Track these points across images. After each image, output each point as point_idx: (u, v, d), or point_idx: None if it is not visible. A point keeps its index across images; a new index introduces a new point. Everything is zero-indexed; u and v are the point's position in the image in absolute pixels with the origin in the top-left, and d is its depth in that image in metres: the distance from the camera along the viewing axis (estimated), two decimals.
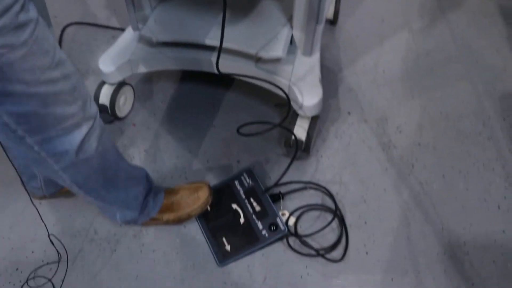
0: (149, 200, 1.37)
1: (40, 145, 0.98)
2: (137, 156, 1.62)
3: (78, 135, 1.01)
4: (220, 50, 1.18)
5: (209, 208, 1.46)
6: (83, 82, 1.01)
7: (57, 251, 1.42)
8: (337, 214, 1.45)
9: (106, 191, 1.23)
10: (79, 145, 1.02)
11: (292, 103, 1.47)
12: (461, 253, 1.39)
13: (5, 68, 0.80)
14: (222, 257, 1.39)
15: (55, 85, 0.90)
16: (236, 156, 1.62)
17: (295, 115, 1.51)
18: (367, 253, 1.40)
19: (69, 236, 1.46)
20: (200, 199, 1.42)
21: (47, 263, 1.43)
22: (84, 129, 1.01)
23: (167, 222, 1.43)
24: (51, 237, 1.39)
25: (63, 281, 1.39)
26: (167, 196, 1.42)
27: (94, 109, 1.04)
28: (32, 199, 1.51)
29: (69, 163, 1.05)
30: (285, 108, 1.67)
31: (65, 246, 1.44)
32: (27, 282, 1.39)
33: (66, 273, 1.40)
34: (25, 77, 0.84)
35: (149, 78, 1.85)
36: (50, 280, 1.39)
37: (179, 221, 1.44)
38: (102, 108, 1.63)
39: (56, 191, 1.49)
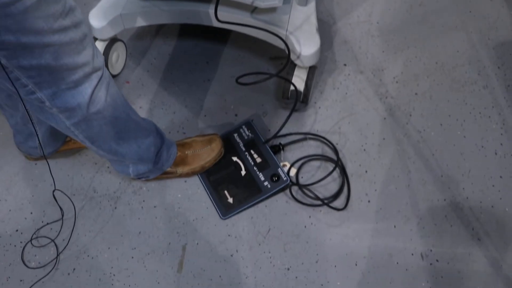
0: (162, 152, 1.35)
1: (52, 100, 0.96)
2: None
3: (89, 87, 0.98)
4: None
5: None
6: (90, 31, 0.98)
7: (60, 208, 1.40)
8: (339, 164, 1.44)
9: (118, 144, 1.20)
10: (90, 97, 0.99)
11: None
12: (460, 199, 1.41)
13: (19, 17, 0.77)
14: (225, 210, 1.39)
15: (66, 34, 0.87)
16: (234, 109, 1.60)
17: (293, 66, 1.49)
18: (369, 201, 1.41)
19: (69, 195, 1.44)
20: (214, 150, 1.41)
21: (47, 223, 1.41)
22: (94, 80, 0.99)
23: (181, 175, 1.43)
24: (55, 194, 1.37)
25: (68, 240, 1.37)
26: (181, 149, 1.41)
27: (101, 58, 1.02)
28: (28, 160, 1.50)
29: (81, 118, 1.03)
30: (281, 61, 1.66)
31: (65, 205, 1.42)
32: (31, 241, 1.38)
33: (72, 232, 1.39)
34: (39, 26, 0.81)
35: (141, 34, 1.80)
36: (53, 240, 1.38)
37: (193, 173, 1.43)
38: None
39: (54, 151, 1.46)
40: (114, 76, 1.67)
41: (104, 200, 1.44)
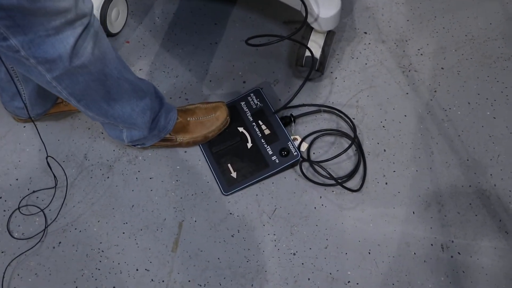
0: (159, 117, 1.22)
1: (28, 49, 0.82)
2: None
3: (71, 36, 0.85)
4: None
5: None
6: None
7: (54, 176, 1.28)
8: (355, 140, 1.31)
9: (108, 104, 1.07)
10: (73, 48, 0.86)
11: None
12: (487, 186, 1.28)
13: None
14: (227, 185, 1.26)
15: None
16: (242, 76, 1.46)
17: (309, 30, 1.34)
18: (386, 183, 1.28)
19: (58, 162, 1.31)
20: (218, 119, 1.28)
21: (33, 191, 1.29)
22: (78, 28, 0.85)
23: (181, 144, 1.30)
24: (42, 160, 1.25)
25: (58, 212, 1.26)
26: (182, 115, 1.28)
27: (88, 3, 0.88)
28: (16, 121, 1.37)
29: (63, 70, 0.89)
30: (296, 26, 1.51)
31: (53, 173, 1.29)
32: (19, 209, 1.26)
33: (63, 203, 1.27)
34: None
35: None
36: (42, 210, 1.26)
37: (194, 143, 1.31)
38: None
39: (43, 113, 1.34)
40: (113, 35, 1.53)
41: (96, 169, 1.32)
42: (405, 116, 1.38)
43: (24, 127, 1.39)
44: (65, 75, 0.91)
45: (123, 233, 1.23)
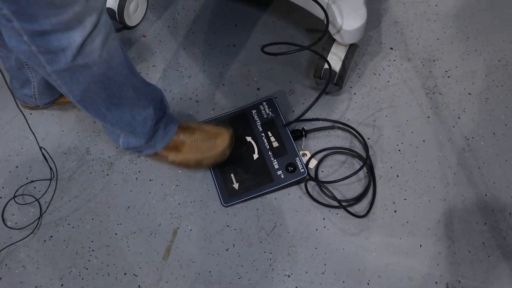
0: (159, 127, 1.15)
1: (30, 36, 0.78)
2: (144, 72, 1.42)
3: (79, 34, 0.80)
4: None
5: None
6: None
7: (50, 168, 1.25)
8: (367, 162, 1.24)
9: (108, 109, 1.02)
10: (79, 47, 0.81)
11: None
12: (504, 226, 1.19)
13: None
14: (228, 196, 1.21)
15: None
16: (257, 82, 1.40)
17: (331, 41, 1.28)
18: (395, 211, 1.21)
19: (59, 153, 1.28)
20: (216, 147, 1.18)
21: (31, 181, 1.26)
22: (87, 26, 0.80)
23: (173, 163, 1.23)
24: (44, 151, 1.22)
25: (49, 203, 1.22)
26: (180, 132, 1.19)
27: (100, 0, 0.83)
28: (23, 108, 1.35)
29: (65, 66, 0.85)
30: (319, 35, 1.44)
31: (55, 163, 1.26)
32: (14, 198, 1.23)
33: (53, 195, 1.24)
34: None
35: None
36: (37, 200, 1.23)
37: (186, 166, 1.23)
38: (108, 13, 1.40)
39: (51, 102, 1.31)
40: (130, 28, 1.49)
41: (97, 165, 1.28)
42: (424, 141, 1.31)
43: (31, 114, 1.36)
44: (65, 71, 0.87)
45: (116, 234, 1.19)
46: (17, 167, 1.28)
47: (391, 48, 1.47)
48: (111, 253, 1.17)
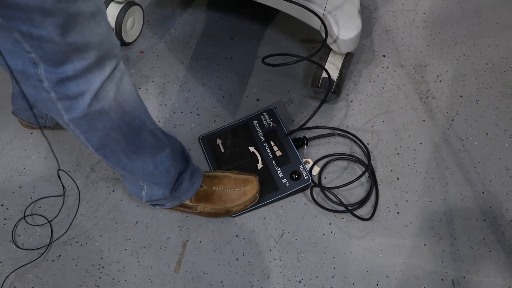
0: (183, 179, 1.13)
1: (52, 82, 0.77)
2: (143, 87, 1.43)
3: (98, 77, 0.79)
4: None
5: (222, 149, 1.29)
6: (103, 2, 0.79)
7: (63, 186, 1.24)
8: (369, 168, 1.27)
9: (129, 158, 0.98)
10: (97, 90, 0.80)
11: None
12: (503, 221, 1.24)
13: None
14: None
15: (74, 2, 0.69)
16: (256, 94, 1.43)
17: (327, 51, 1.31)
18: (398, 213, 1.24)
19: (63, 172, 1.28)
20: (246, 194, 1.19)
21: (36, 200, 1.26)
22: (107, 69, 0.80)
23: (202, 214, 1.21)
24: (51, 171, 1.22)
25: (68, 227, 1.23)
26: (207, 182, 1.19)
27: (117, 43, 0.82)
28: (23, 127, 1.35)
29: (82, 113, 0.82)
30: (314, 45, 1.48)
31: (57, 183, 1.27)
32: (24, 218, 1.23)
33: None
34: None
35: (162, 0, 1.63)
36: (49, 221, 1.22)
37: (216, 215, 1.22)
38: None
39: (56, 122, 1.30)
40: (127, 44, 1.50)
41: (101, 181, 1.29)
42: (421, 144, 1.35)
43: (31, 133, 1.36)
44: (83, 119, 0.84)
45: (125, 249, 1.20)
46: (20, 187, 1.28)
47: (384, 56, 1.51)
48: (122, 269, 1.18)
